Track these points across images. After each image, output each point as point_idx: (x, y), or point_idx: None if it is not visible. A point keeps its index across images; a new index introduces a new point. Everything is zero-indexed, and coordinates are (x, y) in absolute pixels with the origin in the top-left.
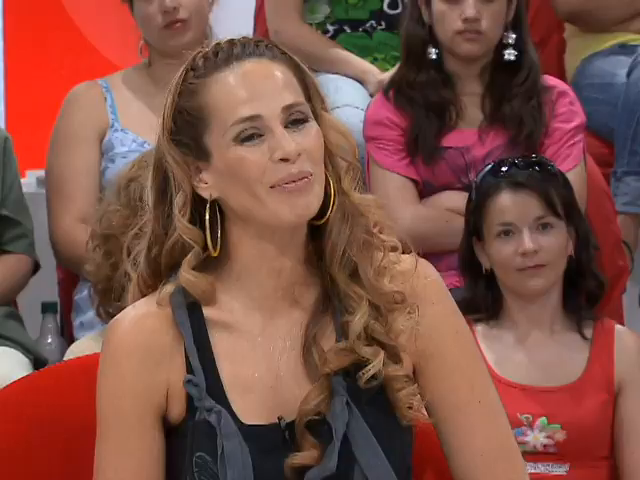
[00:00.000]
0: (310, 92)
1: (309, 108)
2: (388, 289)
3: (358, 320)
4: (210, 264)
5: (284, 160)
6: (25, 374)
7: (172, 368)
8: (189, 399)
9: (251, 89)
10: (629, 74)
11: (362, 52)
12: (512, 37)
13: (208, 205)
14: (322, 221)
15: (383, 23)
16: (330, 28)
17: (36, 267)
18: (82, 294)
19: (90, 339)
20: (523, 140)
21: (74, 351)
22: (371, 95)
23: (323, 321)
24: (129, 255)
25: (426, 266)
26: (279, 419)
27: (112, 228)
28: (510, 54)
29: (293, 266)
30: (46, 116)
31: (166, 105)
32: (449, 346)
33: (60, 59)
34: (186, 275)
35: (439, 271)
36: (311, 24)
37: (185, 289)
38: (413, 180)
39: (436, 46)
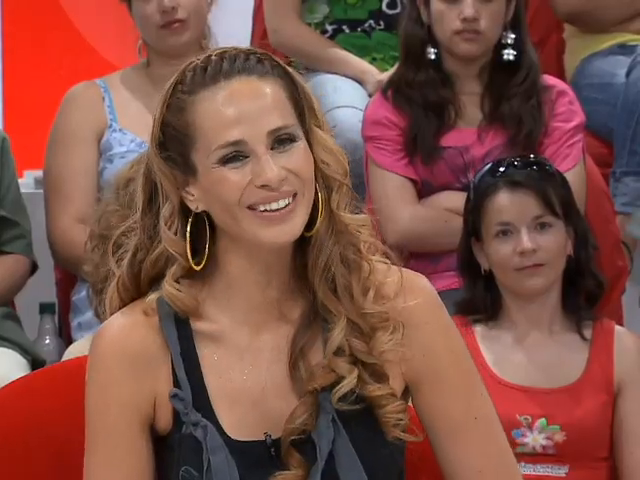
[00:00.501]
0: (302, 107)
1: (298, 127)
2: (370, 308)
3: (336, 336)
4: (198, 275)
5: (265, 186)
6: (23, 375)
7: (159, 378)
8: (175, 411)
9: (237, 112)
10: (628, 74)
11: (361, 52)
12: (511, 37)
13: (191, 219)
14: (311, 233)
15: (382, 23)
16: (329, 28)
17: (34, 268)
18: (80, 295)
19: (88, 340)
20: (522, 140)
21: (72, 352)
22: (370, 95)
23: (311, 335)
24: (114, 253)
25: (417, 282)
26: (265, 435)
27: (111, 228)
28: (509, 54)
29: (280, 280)
30: (44, 116)
31: (155, 117)
32: (444, 366)
33: (58, 59)
34: (169, 288)
35: (437, 272)
36: (310, 24)
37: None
38: (412, 180)
39: (435, 46)
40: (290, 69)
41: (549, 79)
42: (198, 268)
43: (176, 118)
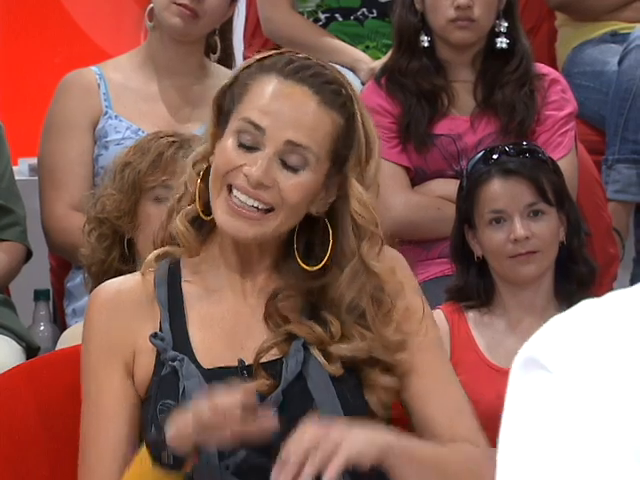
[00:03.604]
0: (346, 156)
1: (320, 161)
2: (392, 338)
3: (347, 347)
4: (204, 234)
5: (247, 177)
6: (18, 361)
7: (144, 329)
8: (155, 360)
9: (279, 107)
10: (620, 62)
11: (354, 40)
12: (504, 25)
13: (202, 171)
14: (314, 268)
15: (375, 11)
16: (322, 16)
17: (28, 255)
18: (74, 281)
19: (82, 326)
20: (515, 127)
21: (67, 337)
22: (363, 83)
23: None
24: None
25: (390, 253)
26: (238, 361)
27: (106, 212)
28: (502, 42)
29: (263, 264)
30: (39, 104)
31: (235, 71)
32: (419, 326)
33: (53, 47)
34: (179, 224)
35: (430, 259)
36: (302, 12)
37: (169, 264)
38: (405, 167)
39: (428, 34)
40: (361, 117)
41: (542, 67)
42: (207, 218)
43: (244, 81)
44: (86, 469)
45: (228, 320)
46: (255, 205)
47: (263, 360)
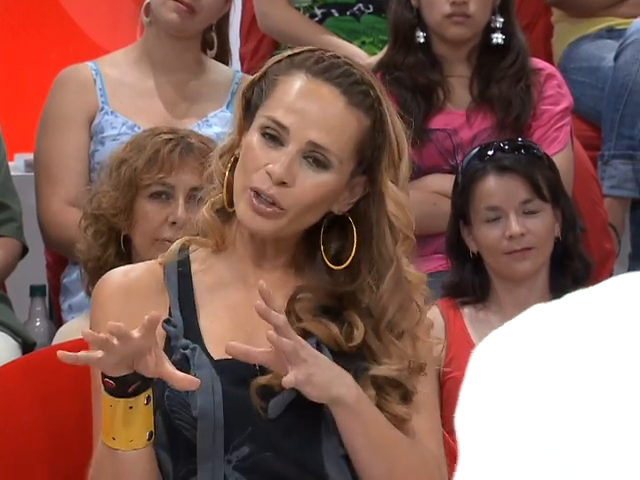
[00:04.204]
0: (376, 158)
1: (347, 164)
2: (421, 356)
3: (384, 369)
4: (225, 226)
5: (269, 175)
6: (14, 357)
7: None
8: (165, 352)
9: (305, 106)
10: (616, 58)
11: (350, 36)
12: (500, 20)
13: (229, 165)
14: (341, 267)
15: (371, 7)
16: (318, 12)
17: (24, 250)
18: (71, 277)
19: (78, 321)
20: (511, 122)
21: (63, 333)
22: None
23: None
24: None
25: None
26: None
27: (102, 209)
28: (498, 37)
29: (280, 261)
30: (35, 100)
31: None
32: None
33: (49, 43)
34: (206, 214)
35: (426, 254)
36: (299, 8)
37: (182, 261)
38: None
39: (424, 29)
40: (390, 120)
41: (537, 62)
42: (231, 210)
43: (272, 76)
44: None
45: (239, 312)
46: (275, 196)
47: None
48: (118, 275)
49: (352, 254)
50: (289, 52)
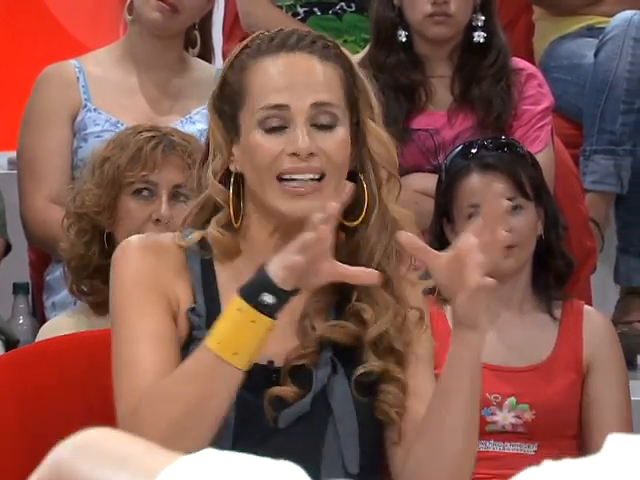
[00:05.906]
0: (357, 100)
1: (344, 114)
2: (412, 303)
3: (378, 325)
4: (232, 228)
5: (295, 155)
6: None
7: (179, 287)
8: (187, 337)
9: (289, 80)
10: (596, 54)
11: (332, 34)
12: (481, 19)
13: (232, 178)
14: (354, 224)
15: (353, 5)
16: (300, 10)
17: (8, 248)
18: (54, 275)
19: (61, 318)
20: (492, 122)
21: (46, 330)
22: None
23: (326, 297)
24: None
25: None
26: (268, 362)
27: (85, 207)
28: (479, 36)
29: None
30: (18, 98)
31: (220, 74)
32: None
33: (32, 41)
34: (213, 232)
35: None
36: (281, 6)
37: (202, 246)
38: None
39: (406, 28)
40: (354, 63)
41: (518, 62)
42: (237, 225)
43: (235, 77)
44: (126, 387)
45: None
46: (310, 177)
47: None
48: (143, 237)
49: (365, 208)
50: (233, 54)
